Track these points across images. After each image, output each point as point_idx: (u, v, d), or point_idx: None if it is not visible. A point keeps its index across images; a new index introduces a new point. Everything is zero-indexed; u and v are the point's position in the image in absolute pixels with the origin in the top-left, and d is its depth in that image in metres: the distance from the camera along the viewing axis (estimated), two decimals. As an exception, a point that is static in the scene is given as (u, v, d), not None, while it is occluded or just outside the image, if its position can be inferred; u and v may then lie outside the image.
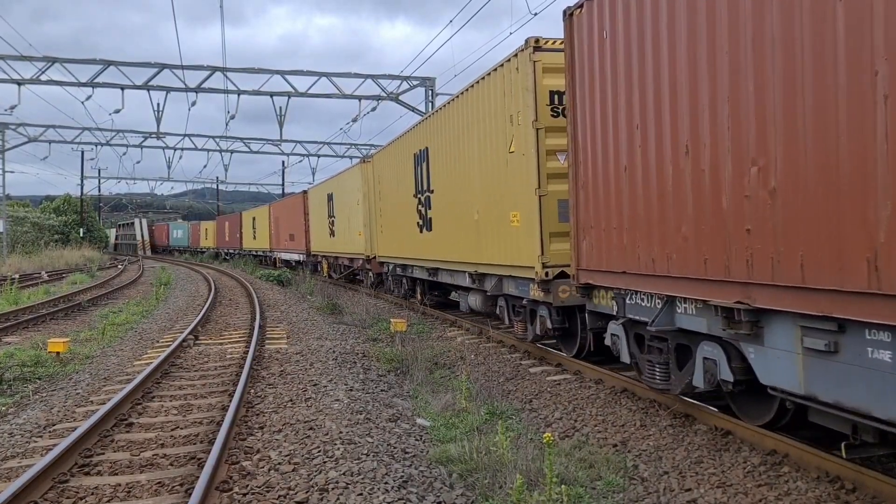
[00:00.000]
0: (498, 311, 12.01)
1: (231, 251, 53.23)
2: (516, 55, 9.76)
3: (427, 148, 14.47)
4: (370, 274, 22.50)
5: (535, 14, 18.93)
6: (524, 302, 10.42)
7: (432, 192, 14.28)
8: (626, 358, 7.70)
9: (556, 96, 9.39)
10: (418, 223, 15.39)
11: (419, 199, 15.23)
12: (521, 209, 9.77)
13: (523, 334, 10.86)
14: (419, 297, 17.85)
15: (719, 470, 5.76)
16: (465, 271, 12.78)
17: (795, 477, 5.44)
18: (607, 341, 8.09)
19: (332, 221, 25.83)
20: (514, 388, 9.10)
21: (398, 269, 18.48)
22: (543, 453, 5.18)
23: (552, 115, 9.37)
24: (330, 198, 26.05)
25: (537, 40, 9.40)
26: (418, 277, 17.02)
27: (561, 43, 8.72)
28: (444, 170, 13.43)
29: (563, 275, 9.10)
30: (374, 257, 20.65)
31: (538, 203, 9.32)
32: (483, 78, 11.07)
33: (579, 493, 5.26)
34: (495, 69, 10.50)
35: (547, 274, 9.19)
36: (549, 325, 9.70)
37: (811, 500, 5.06)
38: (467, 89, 11.82)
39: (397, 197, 17.30)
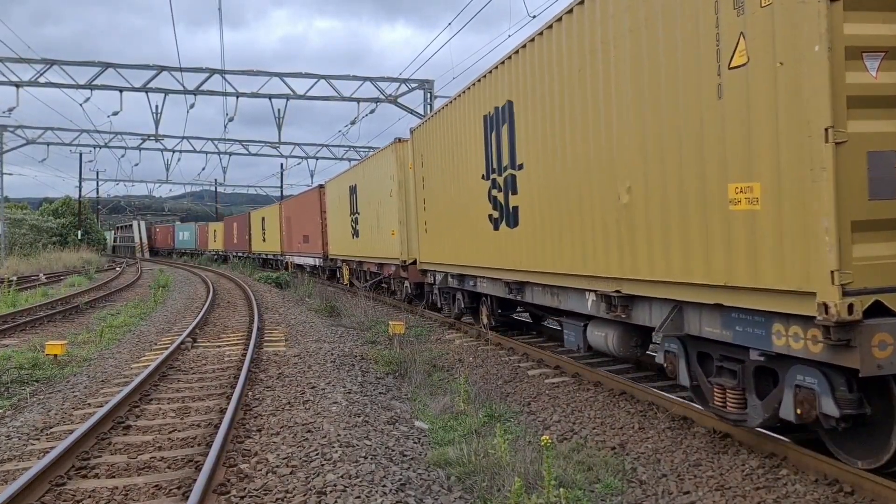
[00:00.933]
0: (663, 363, 6.99)
1: (239, 254, 49.98)
2: None
3: (510, 103, 10.04)
4: (406, 284, 18.28)
5: (534, 17, 18.98)
6: (755, 357, 5.71)
7: (519, 167, 9.86)
8: None
9: None
10: (491, 216, 11.03)
11: (493, 180, 10.93)
12: (765, 177, 5.20)
13: (738, 414, 6.03)
14: (484, 318, 13.23)
15: (718, 473, 5.75)
16: (585, 289, 8.25)
17: (794, 480, 5.44)
18: None
19: (356, 219, 21.93)
20: (513, 391, 9.09)
21: (451, 279, 14.02)
22: (542, 456, 5.17)
23: None
24: (353, 190, 22.19)
25: None
26: (486, 293, 12.47)
27: None
28: (543, 130, 8.99)
29: (877, 308, 4.71)
30: (413, 262, 16.68)
31: (831, 159, 4.67)
32: None
33: (577, 495, 5.25)
34: None
35: (851, 309, 4.61)
36: (830, 409, 5.02)
37: (810, 503, 5.06)
38: None
39: (454, 181, 12.93)
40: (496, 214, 10.92)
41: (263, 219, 41.43)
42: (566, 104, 8.36)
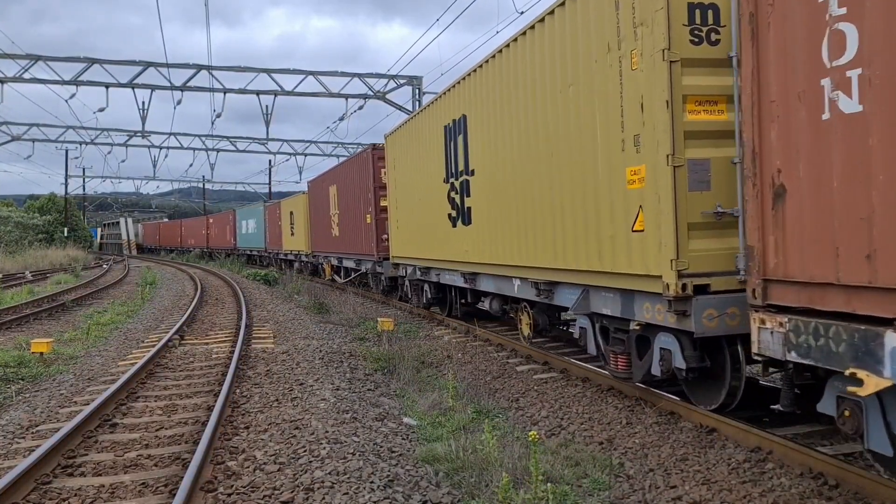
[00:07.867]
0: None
1: (352, 262, 21.60)
2: None
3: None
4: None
5: (522, 13, 18.97)
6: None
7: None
8: None
9: None
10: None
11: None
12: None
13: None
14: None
15: (704, 467, 5.79)
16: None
17: (779, 473, 5.48)
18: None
19: None
20: (501, 387, 9.11)
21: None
22: (529, 451, 5.18)
23: None
24: None
25: None
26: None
27: None
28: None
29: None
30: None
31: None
32: None
33: (565, 491, 5.27)
34: None
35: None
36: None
37: (794, 497, 5.10)
38: None
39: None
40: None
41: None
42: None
